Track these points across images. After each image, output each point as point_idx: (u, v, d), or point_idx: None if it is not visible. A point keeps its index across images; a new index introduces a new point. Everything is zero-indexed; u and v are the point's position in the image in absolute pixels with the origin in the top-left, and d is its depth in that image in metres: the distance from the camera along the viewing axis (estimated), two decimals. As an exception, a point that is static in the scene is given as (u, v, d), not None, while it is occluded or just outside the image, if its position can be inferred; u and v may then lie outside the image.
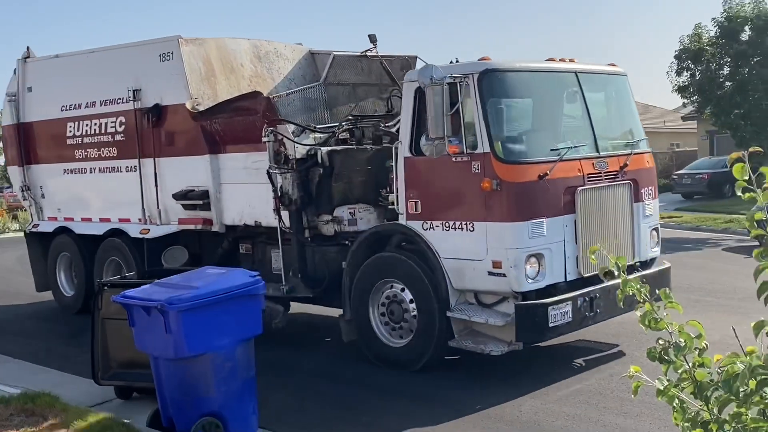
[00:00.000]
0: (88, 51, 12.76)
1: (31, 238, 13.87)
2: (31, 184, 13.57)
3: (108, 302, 7.61)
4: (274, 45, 12.34)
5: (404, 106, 8.69)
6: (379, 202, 9.40)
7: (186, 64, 10.98)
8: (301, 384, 8.71)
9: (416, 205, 8.51)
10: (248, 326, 6.72)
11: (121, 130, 11.98)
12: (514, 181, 7.83)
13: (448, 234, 8.25)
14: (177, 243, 11.44)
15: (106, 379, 7.97)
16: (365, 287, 9.00)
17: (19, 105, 13.50)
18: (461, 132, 7.94)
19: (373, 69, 11.13)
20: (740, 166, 2.48)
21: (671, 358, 2.54)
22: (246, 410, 6.78)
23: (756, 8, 26.18)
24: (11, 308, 14.26)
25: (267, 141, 9.75)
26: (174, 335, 6.25)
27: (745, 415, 2.33)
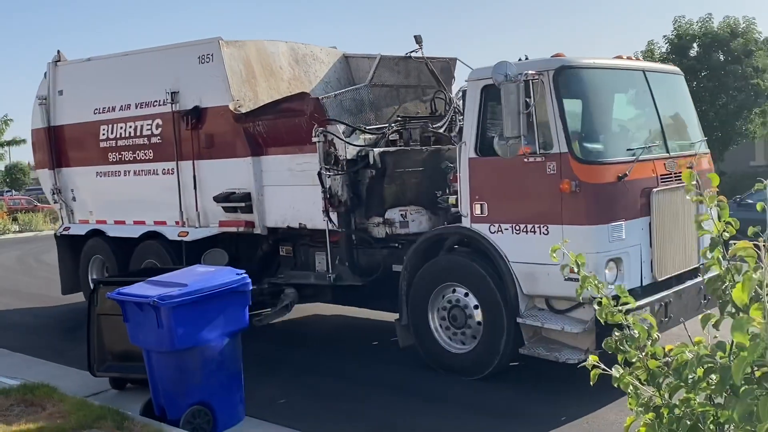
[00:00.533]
0: (122, 54, 12.06)
1: (61, 241, 13.05)
2: (62, 187, 12.80)
3: (103, 299, 7.72)
4: (310, 48, 11.69)
5: (468, 105, 8.04)
6: (438, 205, 8.77)
7: (227, 66, 10.31)
8: (287, 377, 8.71)
9: (482, 207, 7.84)
10: (235, 321, 6.90)
11: (158, 133, 11.27)
12: (594, 182, 7.19)
13: (519, 237, 7.60)
14: (215, 245, 10.81)
15: (101, 371, 8.07)
16: (425, 291, 8.34)
17: (49, 108, 12.72)
18: (534, 131, 7.33)
19: (414, 71, 10.51)
20: (689, 172, 2.60)
21: (626, 348, 2.63)
22: (233, 400, 6.94)
23: (703, 27, 27.93)
24: (11, 305, 14.12)
25: (317, 141, 9.14)
26: (165, 329, 6.44)
27: (693, 400, 2.37)
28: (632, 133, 7.99)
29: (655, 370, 2.55)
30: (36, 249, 24.48)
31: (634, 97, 8.10)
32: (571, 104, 7.48)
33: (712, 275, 2.47)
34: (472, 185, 7.94)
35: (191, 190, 10.88)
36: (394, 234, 9.04)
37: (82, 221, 12.69)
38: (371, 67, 11.45)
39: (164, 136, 11.16)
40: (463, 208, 8.04)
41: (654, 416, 2.49)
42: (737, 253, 2.36)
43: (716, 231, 2.52)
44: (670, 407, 2.45)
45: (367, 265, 9.43)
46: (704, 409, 2.37)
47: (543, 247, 7.36)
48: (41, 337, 11.32)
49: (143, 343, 6.82)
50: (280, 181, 10.02)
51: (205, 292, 6.62)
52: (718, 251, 2.48)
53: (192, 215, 10.98)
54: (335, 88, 11.30)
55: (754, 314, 2.15)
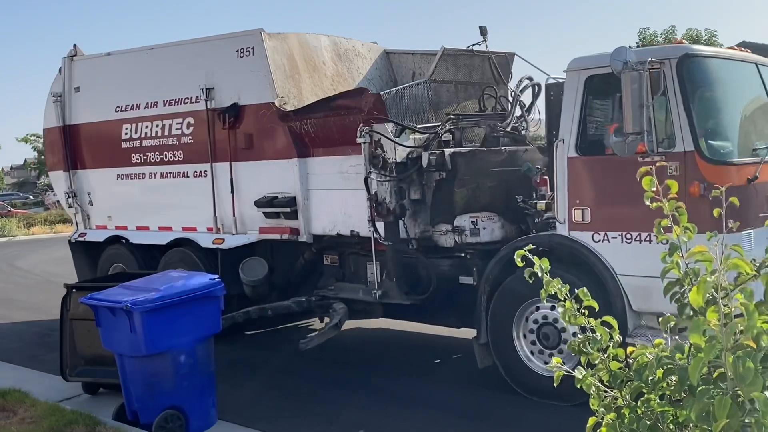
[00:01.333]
0: (147, 48, 10.56)
1: (76, 248, 11.47)
2: (77, 191, 11.26)
3: (76, 303, 7.40)
4: (352, 43, 10.34)
5: (567, 99, 6.73)
6: (525, 211, 7.48)
7: (270, 60, 8.91)
8: (261, 380, 8.29)
9: (584, 213, 6.60)
10: (207, 325, 6.67)
11: (189, 132, 9.83)
12: (726, 184, 5.99)
13: (631, 247, 6.32)
14: (252, 254, 9.43)
15: (73, 376, 7.68)
16: (509, 306, 7.05)
17: (65, 106, 11.20)
18: (653, 127, 6.09)
19: (478, 66, 9.24)
20: (649, 179, 2.49)
21: (588, 351, 2.58)
22: (206, 403, 6.68)
23: (667, 38, 27.83)
24: None
25: (363, 143, 7.88)
26: (138, 334, 6.24)
27: (653, 400, 2.32)
28: (756, 131, 6.80)
29: (616, 371, 2.50)
30: (10, 254, 23.57)
31: (752, 91, 6.88)
32: (699, 96, 6.25)
33: (671, 279, 2.40)
34: (572, 189, 6.66)
35: (227, 194, 9.47)
36: (464, 243, 7.74)
37: (99, 227, 11.16)
38: (415, 63, 10.24)
39: (197, 136, 9.72)
40: (560, 214, 6.76)
41: (615, 416, 2.42)
42: (694, 258, 2.30)
43: (675, 236, 2.44)
44: (632, 408, 2.38)
45: (417, 281, 8.13)
46: (663, 409, 2.30)
47: (659, 258, 6.14)
48: (14, 343, 10.50)
49: (116, 348, 6.57)
50: (329, 184, 8.66)
51: (177, 297, 6.41)
52: (676, 255, 2.42)
53: (228, 221, 9.55)
54: (378, 85, 10.04)
55: (711, 317, 2.13)
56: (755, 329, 2.06)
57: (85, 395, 7.62)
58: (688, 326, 2.17)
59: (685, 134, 6.03)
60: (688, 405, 2.15)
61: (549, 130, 7.20)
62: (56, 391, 7.63)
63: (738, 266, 2.21)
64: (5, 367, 9.02)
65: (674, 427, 2.28)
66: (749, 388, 1.95)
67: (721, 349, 2.06)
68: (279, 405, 7.33)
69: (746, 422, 2.00)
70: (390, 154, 7.85)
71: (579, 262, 6.70)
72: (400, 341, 9.90)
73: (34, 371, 8.68)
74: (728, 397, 2.02)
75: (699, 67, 6.34)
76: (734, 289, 2.19)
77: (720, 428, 2.00)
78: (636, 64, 5.91)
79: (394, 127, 7.98)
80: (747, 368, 1.97)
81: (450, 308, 8.09)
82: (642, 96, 5.89)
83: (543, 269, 2.76)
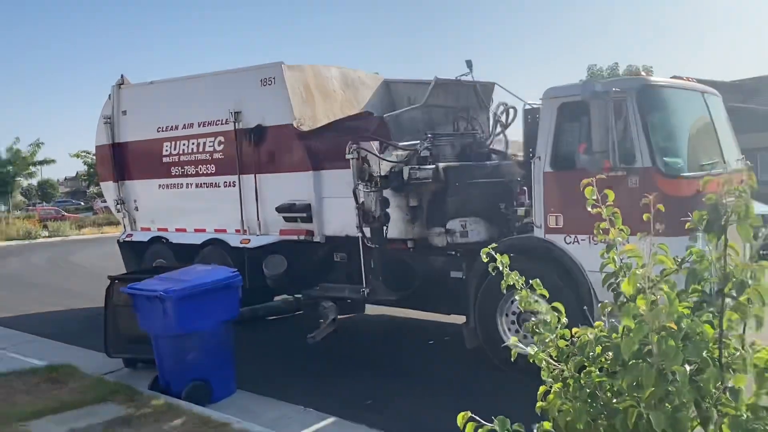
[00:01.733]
0: (184, 78, 10.59)
1: (124, 246, 11.50)
2: (125, 198, 11.28)
3: (118, 292, 7.53)
4: (358, 73, 10.37)
5: (542, 122, 6.78)
6: (506, 217, 7.48)
7: (289, 88, 8.96)
8: (273, 360, 8.25)
9: (557, 219, 6.62)
10: (228, 310, 6.78)
11: (220, 149, 9.85)
12: (677, 195, 6.00)
13: (596, 247, 6.35)
14: (274, 252, 9.40)
15: (115, 353, 7.75)
16: (493, 297, 7.06)
17: (114, 127, 11.22)
18: (615, 146, 6.09)
19: (463, 93, 9.23)
20: (590, 189, 2.53)
21: (541, 331, 2.60)
22: (227, 376, 6.80)
23: (611, 73, 28.57)
24: (40, 299, 13.19)
25: (351, 158, 7.78)
26: (170, 317, 6.37)
27: (593, 373, 2.35)
28: (703, 149, 6.80)
29: (563, 348, 2.51)
30: (64, 251, 23.68)
31: (699, 115, 6.89)
32: (654, 121, 6.26)
33: (608, 272, 2.44)
34: (547, 198, 6.69)
35: (253, 201, 9.49)
36: (455, 243, 7.73)
37: (144, 229, 11.18)
38: (410, 90, 10.22)
39: (226, 152, 9.75)
40: (537, 219, 6.79)
41: (562, 386, 2.45)
42: (627, 254, 2.35)
43: (612, 236, 2.48)
44: (575, 379, 2.40)
45: (403, 278, 8.09)
46: (601, 379, 2.33)
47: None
48: (67, 325, 10.52)
49: (151, 329, 6.68)
50: (339, 193, 8.64)
51: (203, 287, 6.56)
52: (613, 252, 2.45)
53: (253, 224, 9.57)
54: (379, 110, 10.01)
55: (640, 303, 2.16)
56: (676, 314, 2.11)
57: (126, 369, 7.70)
58: (621, 311, 2.22)
59: (644, 152, 6.08)
60: (621, 376, 2.18)
61: (526, 148, 7.21)
62: (101, 366, 7.71)
63: (663, 262, 2.28)
64: (58, 345, 9.10)
65: (610, 395, 2.30)
66: (671, 363, 2.00)
67: (648, 331, 2.09)
68: (291, 381, 7.31)
69: (669, 390, 2.06)
70: (375, 169, 7.79)
71: (554, 260, 6.71)
72: (399, 326, 9.92)
73: (82, 349, 8.73)
74: (654, 370, 2.06)
75: (655, 96, 6.39)
76: (659, 280, 2.24)
77: (647, 396, 2.06)
78: (602, 93, 5.96)
79: (379, 144, 7.92)
80: (669, 346, 2.02)
81: (442, 298, 8.05)
82: (607, 120, 5.91)
83: (504, 264, 2.77)
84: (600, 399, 2.30)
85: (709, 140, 6.81)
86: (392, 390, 6.88)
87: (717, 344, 2.18)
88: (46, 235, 31.05)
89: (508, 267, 2.80)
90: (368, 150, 7.77)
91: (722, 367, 2.14)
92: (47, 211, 43.57)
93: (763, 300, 2.21)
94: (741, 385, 2.09)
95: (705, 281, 2.28)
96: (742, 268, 2.23)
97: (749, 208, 2.23)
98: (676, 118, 6.61)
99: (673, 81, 6.76)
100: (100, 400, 6.38)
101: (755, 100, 29.03)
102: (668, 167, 6.14)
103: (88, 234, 32.30)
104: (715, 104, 7.21)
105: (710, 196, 2.32)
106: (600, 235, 2.54)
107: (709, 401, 2.12)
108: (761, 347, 2.20)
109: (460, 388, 6.84)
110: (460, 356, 7.73)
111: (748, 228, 2.26)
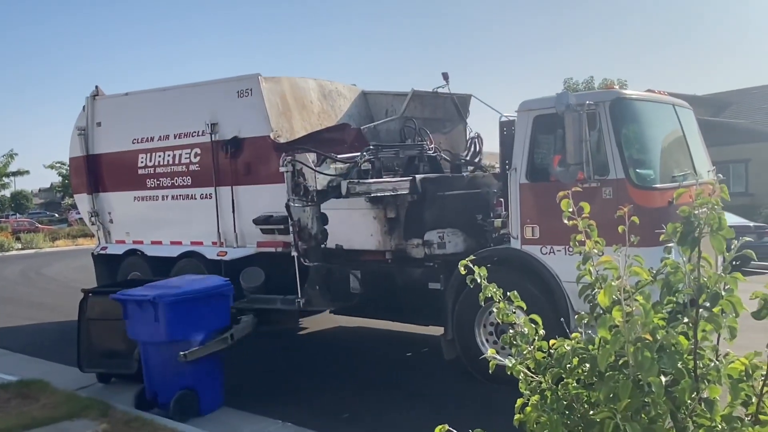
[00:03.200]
0: (161, 89, 10.49)
1: (98, 260, 11.30)
2: (99, 210, 11.12)
3: (92, 305, 7.57)
4: (335, 85, 10.36)
5: (518, 134, 6.82)
6: (483, 228, 7.50)
7: (266, 99, 8.92)
8: (252, 374, 8.08)
9: (533, 230, 6.66)
10: (219, 319, 6.71)
11: (197, 161, 9.76)
12: (650, 206, 6.07)
13: (571, 258, 6.37)
14: (251, 264, 9.32)
15: (89, 368, 7.62)
16: (471, 309, 7.07)
17: (88, 138, 11.08)
18: (589, 158, 6.14)
19: (440, 105, 9.26)
20: (566, 201, 2.54)
21: (519, 343, 2.61)
22: (215, 385, 6.69)
23: (587, 87, 29.22)
24: (13, 313, 12.93)
25: (285, 171, 7.28)
26: (161, 323, 6.26)
27: (571, 384, 2.32)
28: (674, 161, 6.89)
29: (540, 360, 2.50)
30: (36, 263, 23.35)
31: (671, 128, 6.99)
32: (627, 133, 6.34)
33: (585, 283, 2.40)
34: (524, 209, 6.73)
35: (229, 213, 9.40)
36: (432, 254, 7.73)
37: (118, 241, 11.02)
38: (388, 102, 10.23)
39: (203, 164, 9.66)
40: (514, 230, 6.82)
41: (539, 398, 2.42)
42: (603, 266, 2.33)
43: (588, 248, 2.47)
44: (553, 390, 2.38)
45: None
46: (577, 391, 2.30)
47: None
48: (39, 340, 10.36)
49: (140, 337, 6.56)
50: (317, 205, 8.61)
51: (195, 294, 6.49)
52: (589, 264, 2.43)
53: (230, 236, 9.48)
54: (356, 121, 10.01)
55: (616, 315, 2.16)
56: (651, 325, 2.10)
57: (100, 384, 7.55)
58: (598, 323, 2.21)
59: (617, 164, 6.14)
60: (597, 388, 2.17)
61: (503, 160, 7.24)
62: (74, 381, 7.56)
63: (638, 273, 2.29)
64: (30, 360, 8.93)
65: (587, 407, 2.28)
66: (647, 374, 1.99)
67: (624, 342, 2.08)
68: (270, 394, 7.24)
69: (646, 401, 2.05)
70: (311, 183, 7.30)
71: (530, 271, 6.73)
72: (377, 337, 9.88)
73: (55, 364, 8.56)
74: (630, 381, 2.05)
75: (628, 108, 6.46)
76: (635, 292, 2.23)
77: (623, 407, 2.04)
78: (576, 105, 6.01)
79: (316, 157, 7.47)
80: (645, 357, 2.02)
81: (420, 309, 8.02)
82: (581, 132, 5.96)
83: (481, 276, 2.77)
84: (577, 411, 2.28)
85: (681, 152, 6.91)
86: (370, 402, 6.85)
87: (692, 355, 2.19)
88: (19, 248, 30.63)
89: (485, 279, 2.79)
90: (303, 162, 7.26)
91: (697, 378, 2.14)
92: (20, 223, 43.02)
93: (736, 311, 2.24)
94: (715, 395, 2.10)
95: (679, 293, 2.29)
96: (716, 279, 2.26)
97: (722, 220, 2.25)
98: (648, 130, 6.70)
99: (645, 94, 6.84)
100: (73, 415, 6.24)
101: (727, 113, 29.62)
102: (641, 178, 6.20)
103: (62, 246, 31.85)
104: (687, 116, 7.32)
105: (684, 208, 2.33)
106: (576, 247, 2.53)
107: (685, 412, 2.14)
108: (735, 358, 2.22)
109: (439, 399, 6.82)
110: (438, 368, 7.71)
111: (721, 240, 2.28)
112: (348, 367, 8.34)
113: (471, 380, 7.05)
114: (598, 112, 6.16)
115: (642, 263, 2.41)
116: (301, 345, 9.75)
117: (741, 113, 29.00)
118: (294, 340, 9.99)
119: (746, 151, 25.34)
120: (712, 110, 29.56)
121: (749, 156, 25.42)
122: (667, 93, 7.26)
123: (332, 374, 8.01)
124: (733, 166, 25.59)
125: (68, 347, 8.05)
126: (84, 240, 31.14)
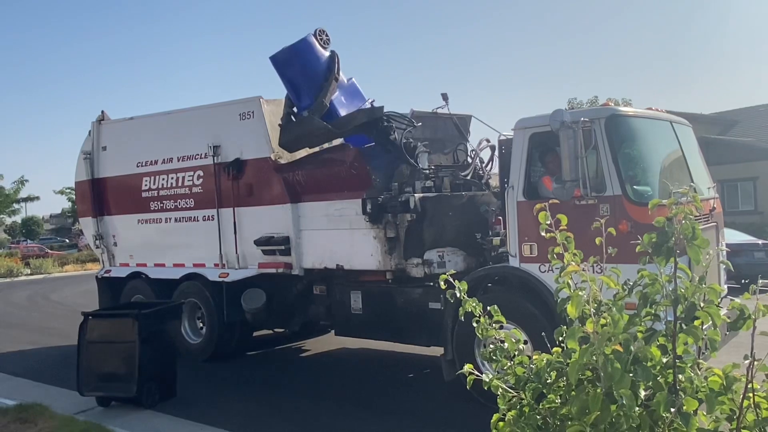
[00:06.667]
0: (164, 113, 10.62)
1: (101, 283, 11.35)
2: (103, 234, 11.19)
3: (92, 328, 7.61)
4: (336, 106, 10.40)
5: (515, 152, 6.82)
6: (482, 246, 7.46)
7: (267, 121, 9.00)
8: (249, 394, 8.05)
9: (532, 247, 6.61)
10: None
11: (199, 183, 9.83)
12: (647, 222, 6.00)
13: (571, 276, 6.37)
14: (253, 285, 9.33)
15: (88, 391, 7.56)
16: (471, 329, 6.98)
17: (93, 162, 11.19)
18: (585, 175, 6.12)
19: (441, 125, 9.27)
20: (544, 214, 2.53)
21: (498, 358, 2.65)
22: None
23: (591, 107, 29.70)
24: (18, 337, 12.91)
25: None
26: None
27: (550, 397, 2.30)
28: (672, 177, 6.85)
29: (521, 375, 2.48)
30: (45, 289, 23.44)
31: (668, 144, 6.96)
32: (623, 149, 6.31)
33: (564, 297, 2.34)
34: (521, 227, 6.69)
35: (231, 234, 9.44)
36: (432, 274, 7.69)
37: (122, 264, 11.07)
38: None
39: (205, 186, 9.73)
40: (512, 248, 6.77)
41: (516, 413, 2.40)
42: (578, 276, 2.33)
43: (567, 260, 2.44)
44: (530, 406, 2.37)
45: (398, 311, 8.01)
46: (551, 405, 2.29)
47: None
48: (41, 364, 10.27)
49: None
50: (317, 225, 8.65)
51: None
52: (567, 277, 2.39)
53: (231, 258, 9.50)
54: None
55: (589, 327, 2.13)
56: (622, 336, 2.08)
57: (99, 408, 7.52)
58: (567, 334, 2.19)
59: (614, 181, 6.10)
60: (570, 402, 2.15)
61: (501, 178, 7.22)
62: (73, 405, 7.53)
63: (607, 283, 2.27)
64: (31, 385, 8.95)
65: (560, 423, 2.26)
66: (618, 386, 1.97)
67: (593, 353, 2.07)
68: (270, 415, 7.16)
69: (620, 414, 2.02)
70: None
71: (529, 289, 6.68)
72: (380, 358, 9.79)
73: (56, 388, 8.56)
74: (599, 392, 2.02)
75: (624, 125, 6.44)
76: (612, 304, 2.20)
77: (592, 420, 2.02)
78: (571, 123, 6.00)
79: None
80: (615, 368, 1.99)
81: (421, 330, 7.96)
82: (577, 149, 5.95)
83: (461, 290, 2.82)
84: (552, 426, 2.25)
85: (679, 168, 6.87)
86: (370, 422, 6.77)
87: (671, 368, 2.16)
88: (28, 273, 30.81)
89: (481, 295, 2.81)
90: None
91: (677, 391, 2.11)
92: (30, 249, 43.27)
93: (714, 322, 2.20)
94: (692, 409, 2.07)
95: (657, 305, 2.25)
96: (693, 290, 2.23)
97: (696, 229, 2.22)
98: (644, 146, 6.67)
99: (641, 111, 6.82)
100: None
101: (734, 132, 29.54)
102: (638, 195, 6.16)
103: (70, 271, 32.05)
104: (685, 133, 7.29)
105: (659, 218, 2.31)
106: (554, 260, 2.53)
107: (662, 426, 2.10)
108: (713, 372, 2.18)
109: (439, 420, 6.73)
110: (439, 389, 7.63)
111: (697, 250, 2.26)
112: (350, 389, 8.25)
113: (472, 401, 6.97)
114: (594, 129, 6.14)
115: (619, 275, 2.37)
116: (305, 366, 9.68)
117: (748, 131, 28.91)
118: (297, 361, 9.93)
119: (754, 169, 25.23)
120: (719, 129, 29.49)
121: (757, 174, 25.30)
122: (664, 110, 7.24)
123: (333, 396, 7.92)
124: (741, 184, 25.47)
125: (70, 371, 8.04)
126: (92, 264, 31.26)
